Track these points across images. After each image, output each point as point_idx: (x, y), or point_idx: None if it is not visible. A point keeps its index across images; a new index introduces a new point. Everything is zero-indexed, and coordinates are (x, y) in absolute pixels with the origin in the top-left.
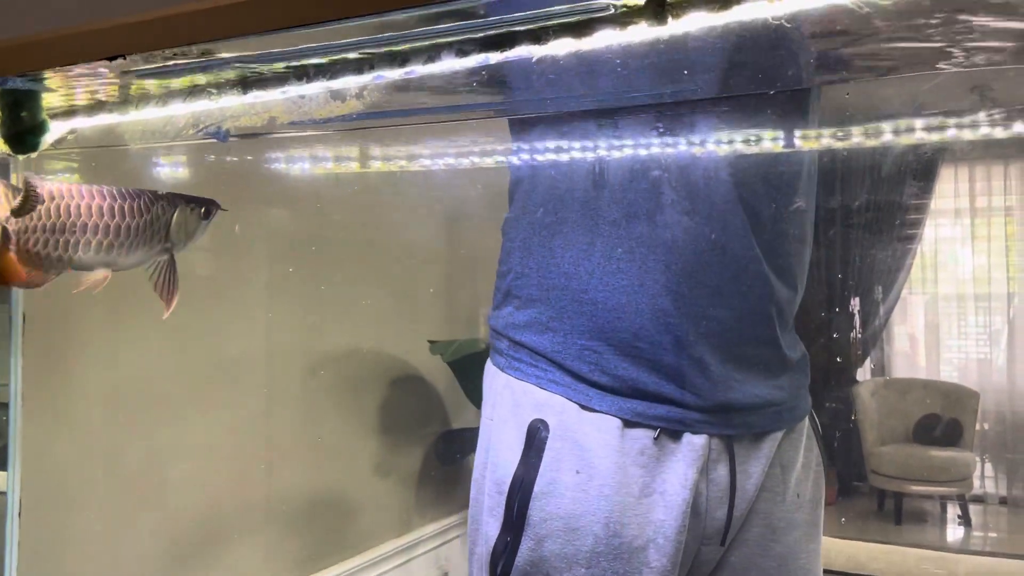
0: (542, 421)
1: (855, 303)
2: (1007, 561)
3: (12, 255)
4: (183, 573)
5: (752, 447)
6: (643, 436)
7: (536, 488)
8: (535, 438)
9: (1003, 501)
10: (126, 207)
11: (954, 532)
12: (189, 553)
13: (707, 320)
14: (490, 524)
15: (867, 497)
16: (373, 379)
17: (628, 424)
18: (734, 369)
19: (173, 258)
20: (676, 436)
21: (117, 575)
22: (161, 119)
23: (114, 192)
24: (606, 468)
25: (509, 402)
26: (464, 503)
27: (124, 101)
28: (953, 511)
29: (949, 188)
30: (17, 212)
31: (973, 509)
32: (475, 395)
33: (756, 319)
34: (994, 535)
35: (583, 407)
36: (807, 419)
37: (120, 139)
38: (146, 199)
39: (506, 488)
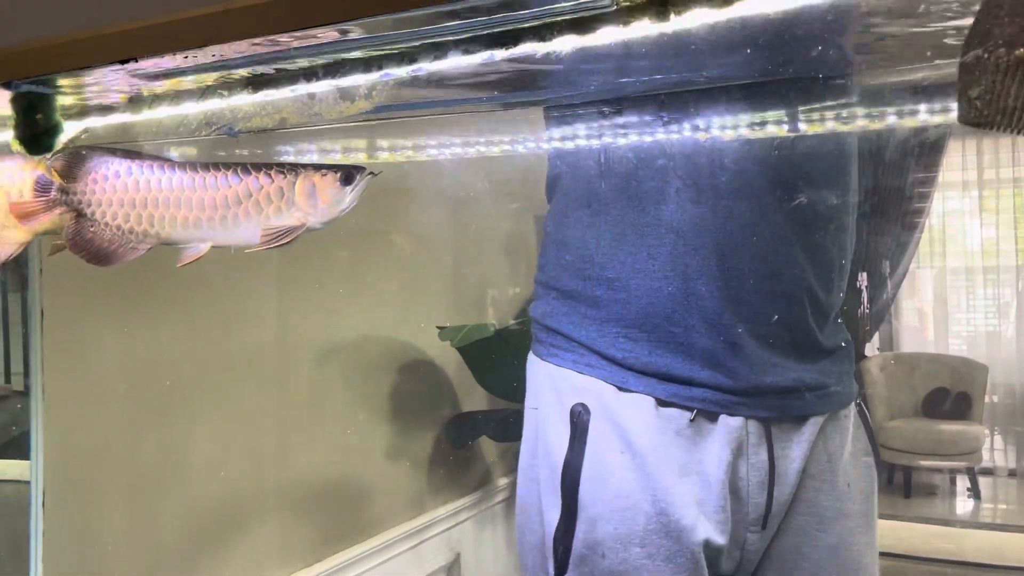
0: (583, 404)
1: (863, 278)
2: (1016, 536)
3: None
4: (202, 558)
5: (792, 431)
6: (679, 416)
7: (584, 471)
8: (578, 421)
9: (1012, 473)
10: (218, 178)
11: (963, 505)
12: (207, 538)
13: (738, 303)
14: (550, 511)
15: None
16: (384, 365)
17: (663, 404)
18: (767, 352)
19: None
20: (712, 417)
21: (138, 561)
22: (174, 118)
23: (207, 164)
24: (646, 446)
25: (550, 389)
26: (475, 485)
27: (137, 101)
28: (962, 484)
29: (957, 161)
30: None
31: (982, 482)
32: (485, 379)
33: (788, 302)
34: (1004, 507)
35: (620, 388)
36: (854, 407)
37: (133, 138)
38: (241, 169)
39: (560, 474)
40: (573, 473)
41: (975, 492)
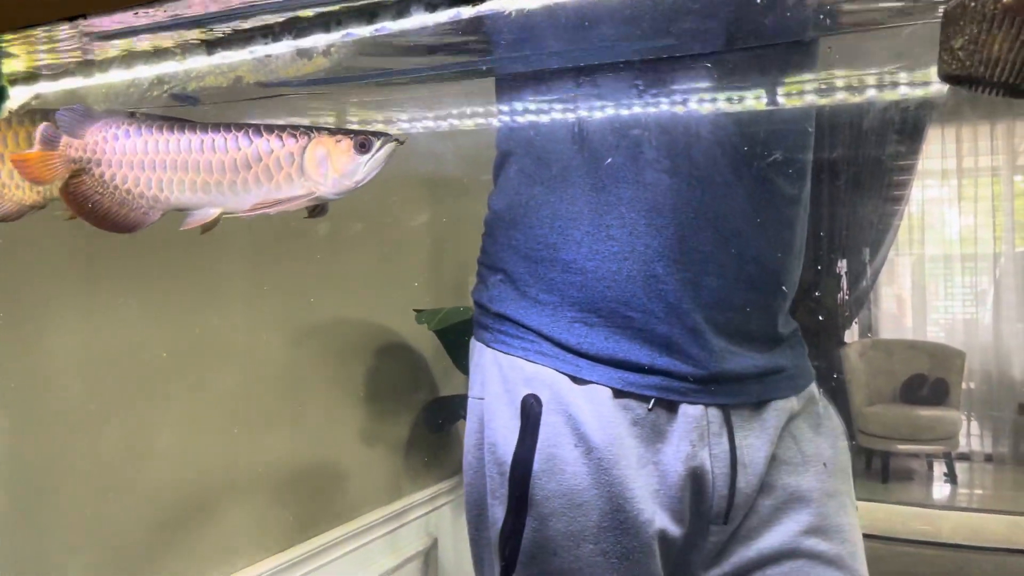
0: (534, 396)
1: (842, 264)
2: (992, 517)
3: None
4: (170, 547)
5: (754, 418)
6: (636, 407)
7: (536, 466)
8: (529, 414)
9: (988, 458)
10: (227, 140)
11: (940, 489)
12: (177, 526)
13: (700, 287)
14: (495, 507)
15: (855, 456)
16: (360, 349)
17: (619, 394)
18: (728, 338)
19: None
20: (671, 407)
21: (102, 552)
22: (125, 82)
23: (217, 125)
24: (602, 440)
25: (498, 378)
26: (453, 470)
27: (87, 63)
28: (940, 469)
29: (936, 149)
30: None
31: (959, 467)
32: (463, 363)
33: (749, 286)
34: (980, 492)
35: (573, 379)
36: (815, 388)
37: (82, 102)
38: (252, 130)
39: (507, 469)
40: (523, 468)
41: (952, 477)
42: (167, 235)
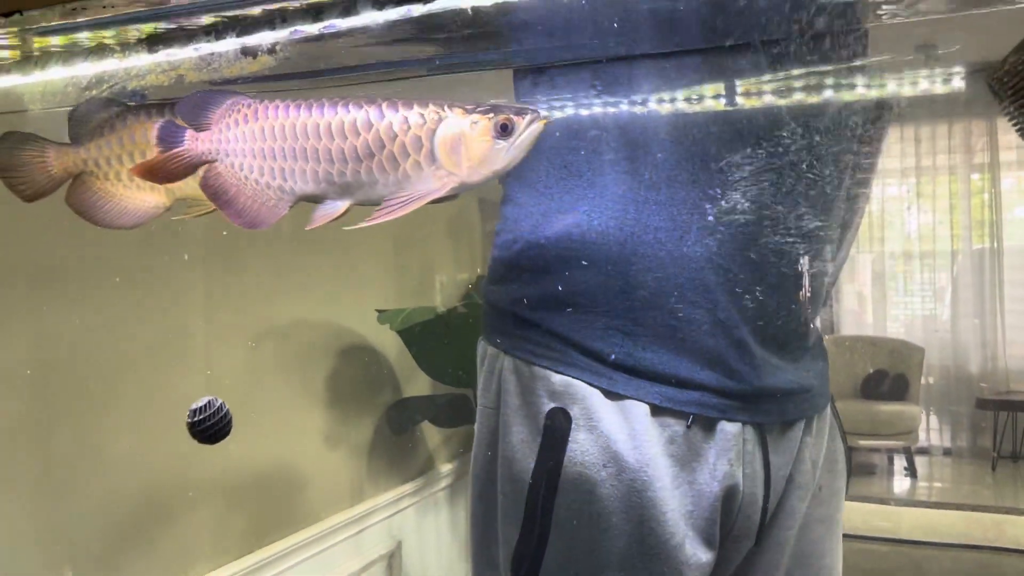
0: (562, 411)
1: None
2: (949, 513)
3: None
4: (123, 554)
5: (782, 438)
6: (674, 423)
7: (561, 485)
8: (555, 430)
9: (947, 452)
10: (345, 123)
11: (901, 483)
12: (129, 534)
13: (749, 298)
14: (507, 525)
15: None
16: (321, 350)
17: (657, 411)
18: (771, 352)
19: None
20: (709, 424)
21: (50, 561)
22: (63, 80)
23: (335, 101)
24: (636, 460)
25: (518, 388)
26: (417, 471)
27: (25, 60)
28: (900, 463)
29: (895, 148)
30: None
31: (919, 460)
32: (426, 364)
33: (794, 296)
34: (939, 485)
35: (607, 392)
36: (829, 408)
37: (18, 101)
38: (373, 108)
39: (525, 486)
40: (545, 488)
41: (912, 471)
42: (118, 235)
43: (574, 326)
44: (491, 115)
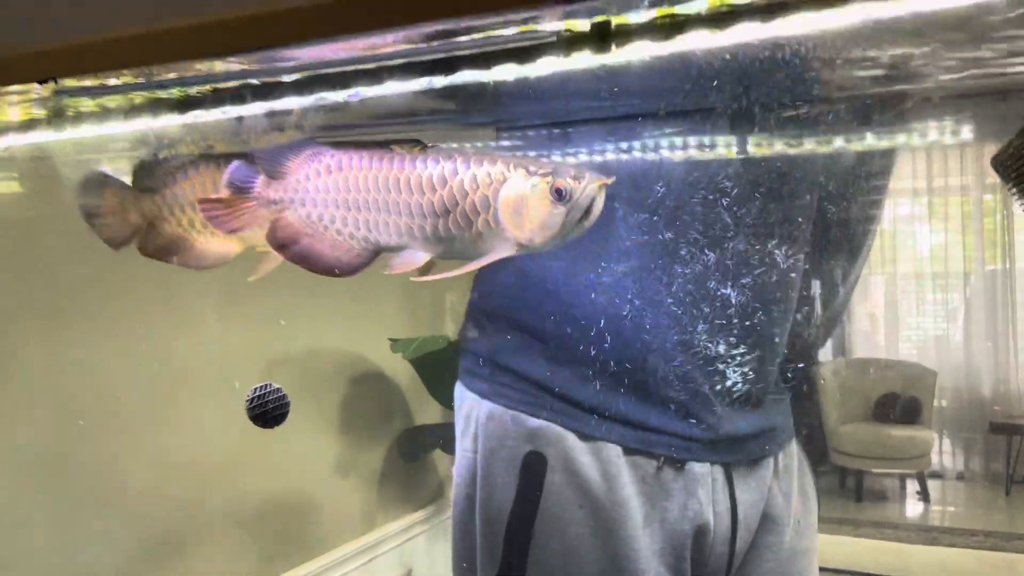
0: (538, 454)
1: (816, 284)
2: (958, 551)
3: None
4: None
5: (749, 475)
6: (645, 463)
7: (537, 526)
8: (532, 473)
9: (960, 476)
10: (423, 180)
11: (913, 508)
12: (147, 561)
13: (711, 357)
14: (486, 565)
15: (829, 475)
16: (334, 378)
17: (629, 451)
18: (734, 403)
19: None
20: (679, 464)
21: None
22: (97, 137)
23: (428, 160)
24: (609, 499)
25: (495, 433)
26: (427, 499)
27: (59, 116)
28: (912, 487)
29: (907, 169)
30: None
31: (931, 485)
32: (438, 392)
33: (754, 352)
34: (952, 509)
35: (581, 435)
36: (794, 442)
37: (52, 156)
38: (449, 166)
39: (502, 528)
40: (521, 529)
41: (924, 495)
42: (134, 266)
43: (550, 375)
44: (549, 178)
